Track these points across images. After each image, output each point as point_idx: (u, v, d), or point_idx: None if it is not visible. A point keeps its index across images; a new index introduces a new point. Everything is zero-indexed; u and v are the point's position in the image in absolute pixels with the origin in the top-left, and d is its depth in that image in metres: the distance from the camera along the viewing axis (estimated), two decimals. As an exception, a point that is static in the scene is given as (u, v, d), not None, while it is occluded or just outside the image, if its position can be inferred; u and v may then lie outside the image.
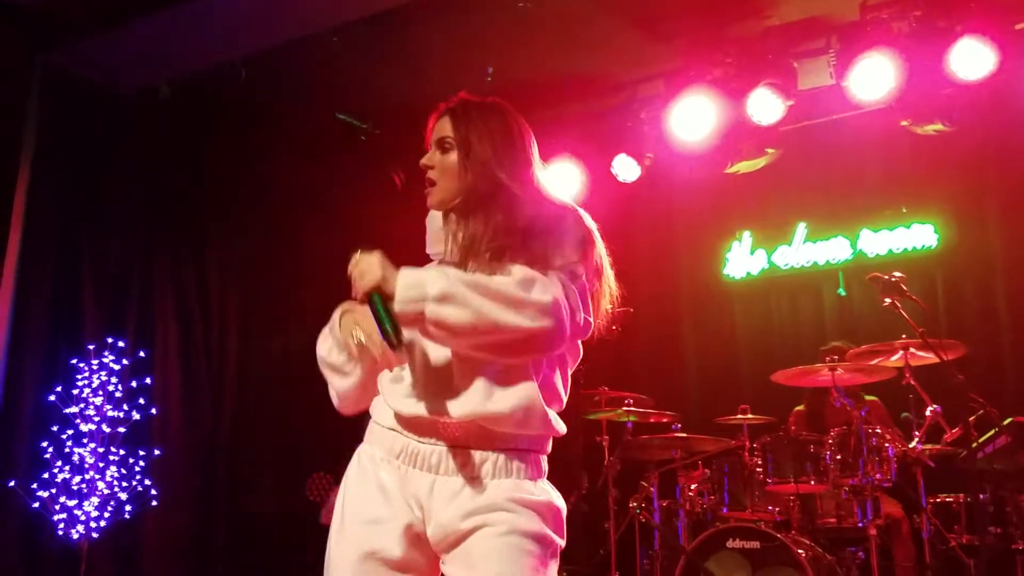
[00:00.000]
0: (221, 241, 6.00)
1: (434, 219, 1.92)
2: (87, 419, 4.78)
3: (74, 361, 4.88)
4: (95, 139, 5.34)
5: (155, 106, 5.48)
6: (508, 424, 1.71)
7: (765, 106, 5.21)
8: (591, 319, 1.76)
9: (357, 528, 1.73)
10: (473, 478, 1.70)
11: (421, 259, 1.92)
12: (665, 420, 4.76)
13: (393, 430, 1.77)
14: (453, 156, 1.84)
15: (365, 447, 1.83)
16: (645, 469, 4.68)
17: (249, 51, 5.10)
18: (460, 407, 1.70)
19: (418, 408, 1.74)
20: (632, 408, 4.64)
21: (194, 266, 5.85)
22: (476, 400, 1.68)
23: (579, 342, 1.84)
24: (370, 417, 1.87)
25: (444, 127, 1.87)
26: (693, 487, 4.57)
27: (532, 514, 1.70)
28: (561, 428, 1.81)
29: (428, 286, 1.58)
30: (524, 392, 1.70)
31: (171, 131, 5.65)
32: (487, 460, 1.72)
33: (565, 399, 1.83)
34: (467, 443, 1.72)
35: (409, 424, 1.76)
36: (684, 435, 4.62)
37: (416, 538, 1.73)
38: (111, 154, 5.42)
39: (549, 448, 1.83)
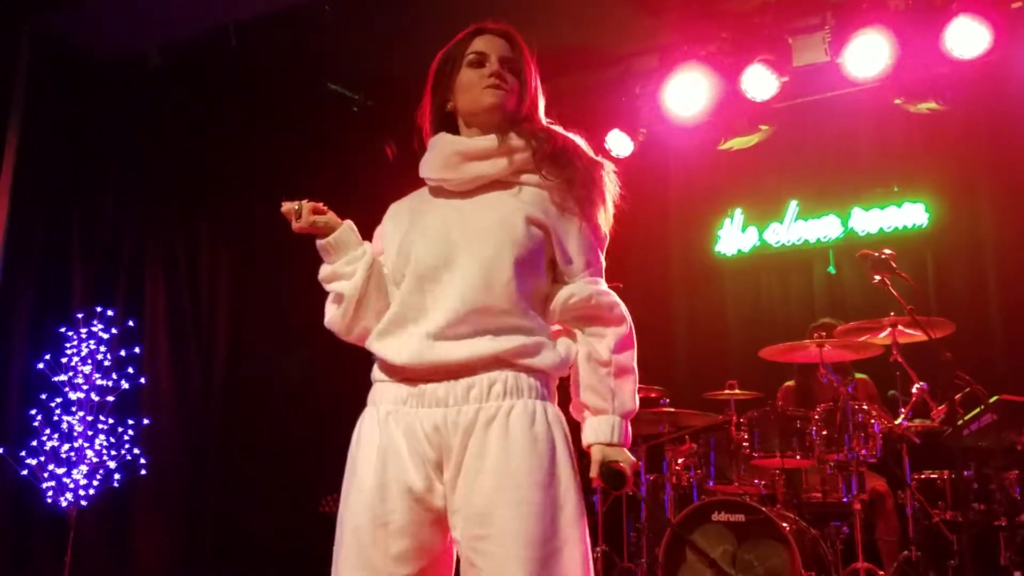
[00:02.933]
0: (212, 210, 5.97)
1: (450, 143, 1.86)
2: (76, 387, 4.77)
3: (63, 330, 4.86)
4: (85, 107, 5.29)
5: (146, 74, 5.42)
6: (520, 356, 1.73)
7: (759, 82, 5.19)
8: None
9: (363, 497, 1.72)
10: (484, 403, 1.70)
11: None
12: (653, 395, 4.78)
13: (399, 380, 1.77)
14: (520, 79, 1.89)
15: (369, 409, 1.82)
16: (633, 443, 4.70)
17: (240, 18, 5.04)
18: (469, 349, 1.71)
19: (433, 358, 1.72)
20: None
21: (184, 235, 5.82)
22: (484, 344, 1.71)
23: None
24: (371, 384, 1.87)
25: (506, 49, 1.89)
26: (680, 461, 4.59)
27: (551, 451, 1.70)
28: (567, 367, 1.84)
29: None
30: (534, 329, 1.77)
31: (162, 100, 5.60)
32: (496, 381, 1.72)
33: None
34: (474, 371, 1.72)
35: (416, 371, 1.74)
36: (672, 409, 4.65)
37: (416, 501, 1.71)
38: (101, 122, 5.37)
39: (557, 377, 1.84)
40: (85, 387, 4.79)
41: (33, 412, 4.67)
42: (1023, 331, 5.05)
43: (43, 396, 4.71)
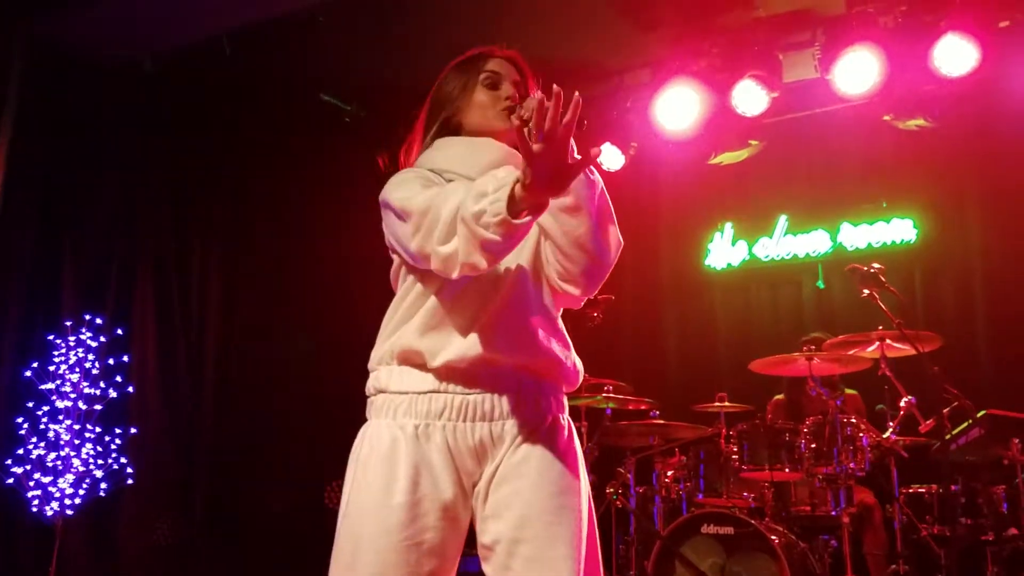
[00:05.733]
0: (203, 218, 5.95)
1: (506, 151, 1.82)
2: (63, 396, 4.75)
3: (51, 337, 4.83)
4: (78, 112, 5.28)
5: (139, 80, 5.42)
6: (559, 370, 1.80)
7: (750, 98, 5.23)
8: None
9: (390, 517, 1.66)
10: (529, 418, 1.75)
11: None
12: (644, 407, 4.79)
13: (432, 392, 1.73)
14: None
15: (384, 422, 1.75)
16: (622, 455, 4.71)
17: (235, 27, 5.06)
18: (528, 353, 1.75)
19: (467, 352, 1.71)
20: (611, 394, 4.67)
21: (175, 243, 5.80)
22: (541, 347, 1.76)
23: None
24: (371, 393, 1.82)
25: (516, 74, 1.92)
26: (669, 473, 4.60)
27: (577, 463, 1.79)
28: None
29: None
30: (567, 343, 1.84)
31: (154, 107, 5.60)
32: (539, 397, 1.78)
33: None
34: (519, 387, 1.76)
35: (455, 376, 1.72)
36: (662, 422, 4.65)
37: (451, 519, 1.71)
38: (94, 128, 5.36)
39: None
40: (72, 395, 4.76)
41: (20, 420, 4.63)
42: (1010, 346, 5.09)
43: (30, 404, 4.68)
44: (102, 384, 4.88)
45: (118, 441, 4.88)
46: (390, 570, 1.64)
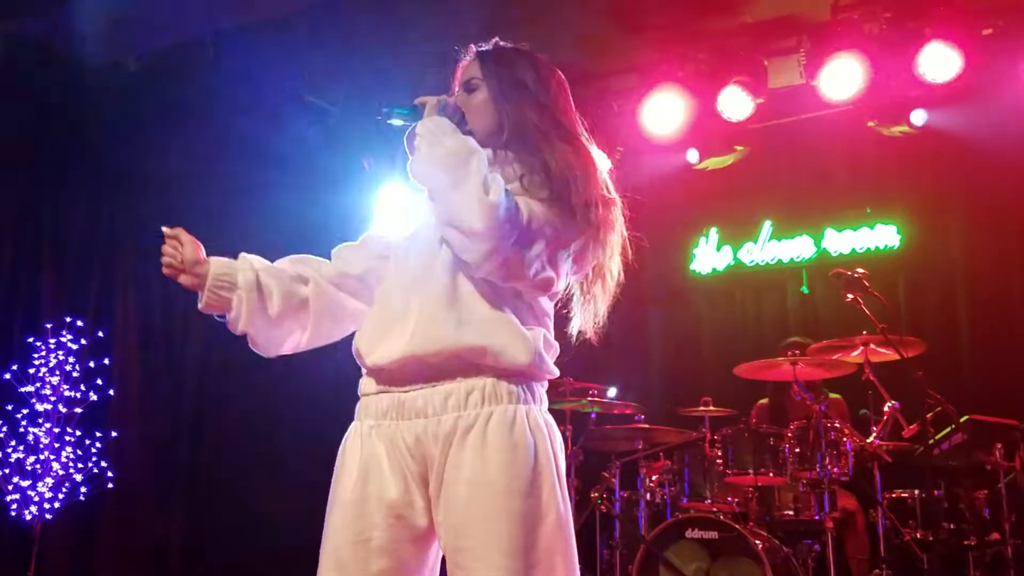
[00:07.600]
0: (187, 221, 5.90)
1: None
2: (43, 399, 4.71)
3: (31, 340, 4.79)
4: (61, 112, 5.24)
5: (122, 81, 5.38)
6: (492, 357, 1.66)
7: (735, 103, 5.26)
8: (552, 275, 1.75)
9: (342, 514, 1.69)
10: (464, 413, 1.66)
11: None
12: (629, 411, 4.78)
13: (380, 393, 1.75)
14: (479, 96, 1.85)
15: (354, 424, 1.80)
16: (607, 459, 4.70)
17: (219, 29, 5.04)
18: (433, 342, 1.66)
19: (392, 352, 1.70)
20: (596, 399, 4.66)
21: (157, 244, 5.76)
22: (464, 334, 1.66)
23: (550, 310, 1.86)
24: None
25: (472, 69, 1.89)
26: (654, 478, 4.59)
27: (529, 459, 1.63)
28: (553, 370, 1.79)
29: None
30: (507, 328, 1.69)
31: (139, 108, 5.56)
32: (474, 389, 1.68)
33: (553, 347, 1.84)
34: (451, 380, 1.68)
35: (392, 375, 1.72)
36: (647, 426, 4.64)
37: (397, 518, 1.68)
38: (77, 129, 5.32)
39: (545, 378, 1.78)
40: (52, 398, 4.73)
41: (-2, 423, 4.60)
42: (993, 351, 5.11)
43: (9, 407, 4.65)
44: (82, 387, 4.85)
45: (98, 445, 4.84)
46: (345, 567, 1.66)
